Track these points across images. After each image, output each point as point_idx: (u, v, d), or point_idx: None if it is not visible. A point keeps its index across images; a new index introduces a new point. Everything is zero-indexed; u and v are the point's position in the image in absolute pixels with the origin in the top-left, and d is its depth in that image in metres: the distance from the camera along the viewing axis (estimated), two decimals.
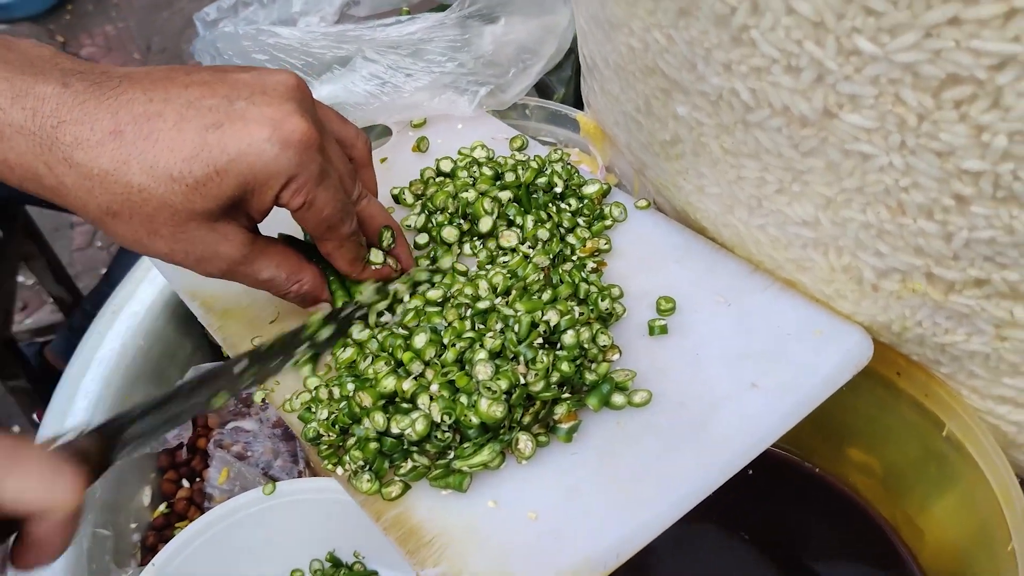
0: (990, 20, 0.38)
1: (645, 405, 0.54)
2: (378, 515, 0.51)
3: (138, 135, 0.46)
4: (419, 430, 0.50)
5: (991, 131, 0.42)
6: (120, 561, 0.72)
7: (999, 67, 0.40)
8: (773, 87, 0.48)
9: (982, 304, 0.50)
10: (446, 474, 0.51)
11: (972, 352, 0.53)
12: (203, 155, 0.47)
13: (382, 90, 0.75)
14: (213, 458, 0.78)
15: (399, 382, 0.53)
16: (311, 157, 0.49)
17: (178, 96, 0.48)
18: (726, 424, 0.53)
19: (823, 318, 0.57)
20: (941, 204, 0.47)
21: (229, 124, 0.47)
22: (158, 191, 0.47)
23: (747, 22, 0.46)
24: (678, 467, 0.51)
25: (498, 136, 0.75)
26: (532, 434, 0.52)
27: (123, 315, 0.81)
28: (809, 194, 0.52)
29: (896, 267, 0.51)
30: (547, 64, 0.79)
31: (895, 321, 0.55)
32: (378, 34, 0.74)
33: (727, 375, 0.55)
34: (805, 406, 0.54)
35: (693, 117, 0.55)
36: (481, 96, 0.76)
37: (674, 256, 0.63)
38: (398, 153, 0.76)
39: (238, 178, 0.47)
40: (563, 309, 0.55)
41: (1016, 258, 0.47)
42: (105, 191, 0.47)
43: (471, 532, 0.49)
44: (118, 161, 0.46)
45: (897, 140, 0.45)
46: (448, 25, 0.74)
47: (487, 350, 0.53)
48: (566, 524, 0.49)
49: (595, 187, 0.68)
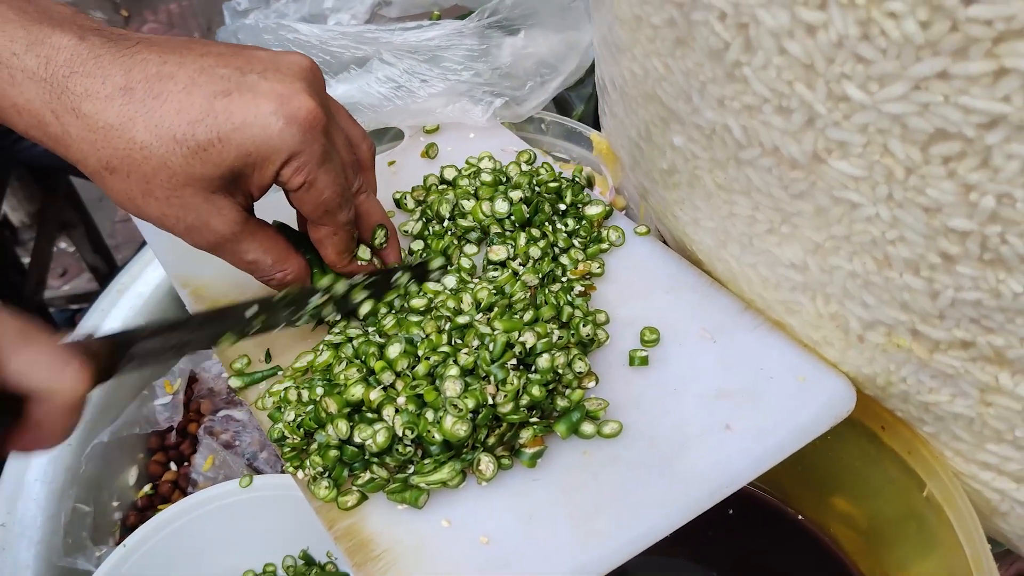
0: (979, 77, 0.37)
1: (615, 437, 0.53)
2: (331, 523, 0.50)
3: (148, 93, 0.47)
4: (380, 442, 0.50)
5: (979, 191, 0.41)
6: (98, 538, 0.73)
7: (988, 126, 0.38)
8: (764, 126, 0.47)
9: (967, 366, 0.48)
10: (403, 488, 0.51)
11: (956, 414, 0.51)
12: (208, 120, 0.47)
13: (396, 94, 0.75)
14: (201, 444, 0.79)
15: (367, 391, 0.52)
16: (315, 137, 0.49)
17: (193, 62, 0.48)
18: (695, 464, 0.52)
19: (808, 365, 0.56)
20: (928, 261, 0.45)
21: (238, 94, 0.47)
22: (159, 150, 0.47)
23: (740, 58, 0.45)
24: (641, 503, 0.50)
25: (508, 148, 0.75)
26: (495, 456, 0.52)
27: (128, 295, 0.82)
28: (798, 237, 0.51)
29: (882, 320, 0.50)
30: (566, 80, 0.78)
31: (880, 374, 0.53)
32: (396, 38, 0.74)
33: (702, 413, 0.54)
34: (778, 453, 0.53)
35: (689, 149, 0.54)
36: (496, 107, 0.76)
37: (666, 286, 0.62)
38: (407, 157, 0.76)
39: (240, 148, 0.48)
40: (541, 331, 0.54)
41: (1002, 323, 0.45)
42: (107, 145, 0.47)
43: (420, 550, 0.49)
44: (124, 117, 0.47)
45: (884, 192, 0.44)
46: (467, 34, 0.74)
47: (459, 366, 0.52)
48: (517, 551, 0.49)
49: (597, 208, 0.67)
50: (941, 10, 0.36)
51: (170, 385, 0.80)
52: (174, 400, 0.80)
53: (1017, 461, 0.51)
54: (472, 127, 0.77)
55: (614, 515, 0.50)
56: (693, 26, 0.47)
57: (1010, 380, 0.47)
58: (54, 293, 1.95)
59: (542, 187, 0.67)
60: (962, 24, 0.36)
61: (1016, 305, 0.44)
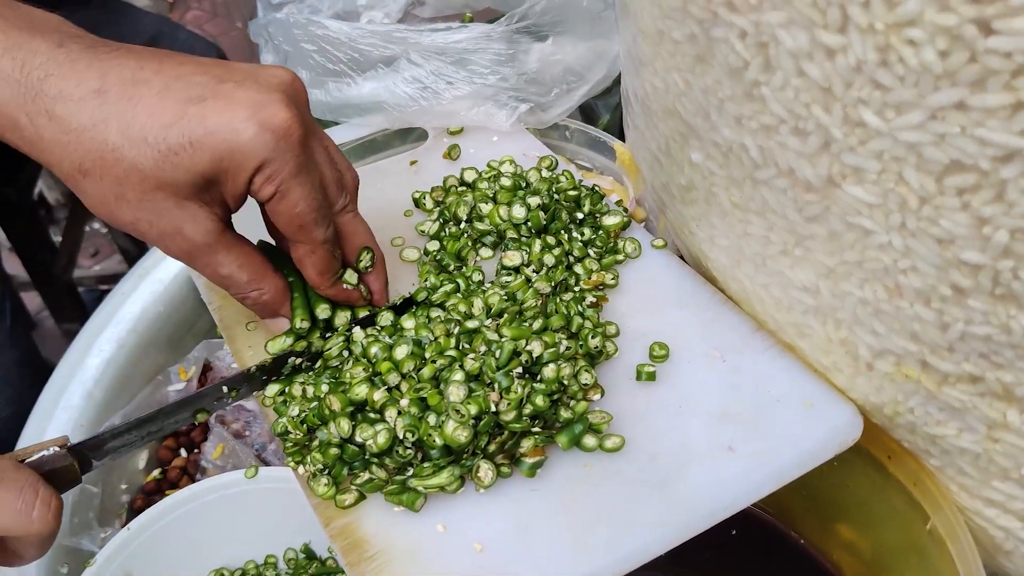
0: (997, 110, 0.36)
1: (616, 451, 0.53)
2: (328, 521, 0.51)
3: (121, 96, 0.47)
4: (380, 442, 0.50)
5: (993, 224, 0.40)
6: (104, 520, 0.74)
7: (1004, 159, 0.38)
8: (780, 147, 0.46)
9: (975, 401, 0.48)
10: (401, 491, 0.51)
11: (963, 449, 0.50)
12: (180, 124, 0.47)
13: (422, 94, 0.75)
14: (211, 432, 0.80)
15: (371, 391, 0.52)
16: (288, 147, 0.48)
17: (170, 69, 0.48)
18: (695, 484, 0.51)
19: (817, 390, 0.55)
20: (939, 292, 0.44)
21: (213, 100, 0.47)
22: (130, 153, 0.47)
23: (759, 78, 0.45)
24: (637, 520, 0.50)
25: (530, 153, 0.75)
26: (495, 464, 0.51)
27: (149, 280, 0.83)
28: (811, 260, 0.50)
29: (891, 349, 0.49)
30: (593, 89, 0.78)
31: (887, 404, 0.53)
32: (424, 39, 0.74)
33: (706, 433, 0.54)
34: (780, 478, 0.52)
35: (706, 165, 0.54)
36: (520, 112, 0.76)
37: (680, 302, 0.62)
38: (429, 158, 0.76)
39: (212, 153, 0.47)
40: (549, 341, 0.54)
41: (1012, 359, 0.44)
42: (80, 147, 0.47)
43: (414, 554, 0.49)
44: (97, 119, 0.47)
45: (898, 220, 0.43)
46: (495, 37, 0.74)
47: (465, 371, 0.52)
48: (510, 560, 0.48)
49: (616, 219, 0.67)
50: (960, 40, 0.36)
51: (184, 372, 0.81)
52: (188, 387, 0.80)
53: (1023, 500, 0.50)
54: (495, 130, 0.77)
55: (610, 530, 0.50)
56: (713, 43, 0.47)
57: (1018, 418, 0.46)
58: (85, 272, 1.97)
59: (561, 195, 0.67)
60: (981, 55, 0.35)
61: None
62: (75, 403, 0.75)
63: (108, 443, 0.50)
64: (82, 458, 0.49)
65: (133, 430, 0.51)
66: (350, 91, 0.77)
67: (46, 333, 1.86)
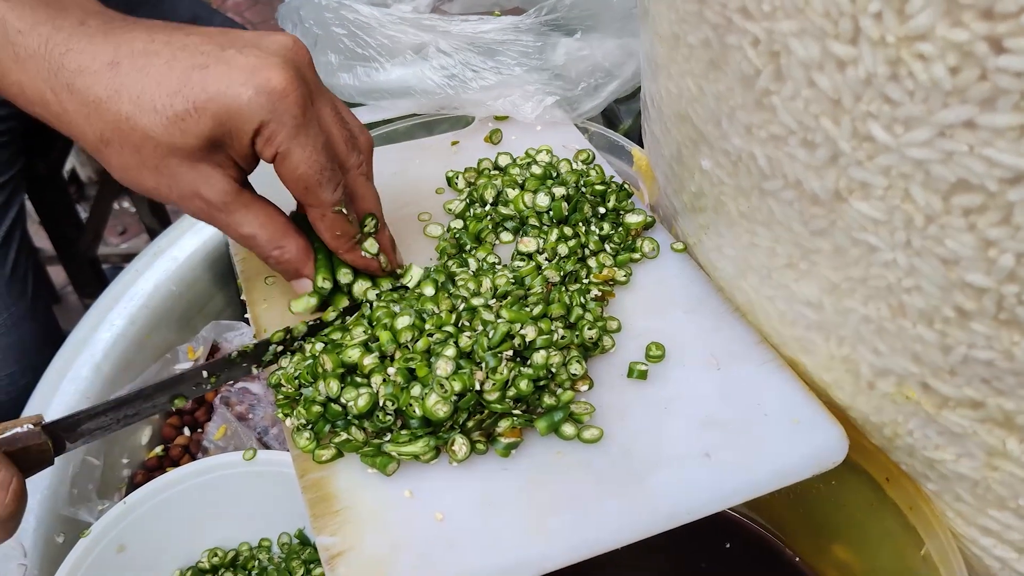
0: (1006, 131, 0.36)
1: (594, 442, 0.53)
2: (303, 472, 0.51)
3: (132, 67, 0.49)
4: (360, 405, 0.51)
5: (999, 247, 0.39)
6: (103, 492, 0.74)
7: (1012, 181, 0.37)
8: (788, 158, 0.46)
9: (975, 427, 0.47)
10: (376, 454, 0.51)
11: (961, 475, 0.50)
12: (184, 91, 0.49)
13: (449, 83, 0.75)
14: (216, 413, 0.80)
15: (363, 355, 0.53)
16: (286, 108, 0.50)
17: (178, 40, 0.50)
18: (664, 485, 0.51)
19: (807, 409, 0.54)
20: (942, 314, 0.44)
21: (214, 66, 0.49)
22: (142, 121, 0.49)
23: (770, 87, 0.44)
24: (600, 511, 0.50)
25: (569, 145, 0.75)
26: (470, 440, 0.51)
27: (163, 258, 0.83)
28: (816, 275, 0.50)
29: (892, 369, 0.48)
30: (620, 87, 0.77)
31: (887, 425, 0.52)
32: (453, 27, 0.74)
33: (685, 437, 0.53)
34: (752, 490, 0.51)
35: (716, 173, 0.53)
36: (546, 105, 0.76)
37: (687, 306, 0.61)
38: (471, 139, 0.77)
39: (214, 117, 0.49)
40: (544, 328, 0.54)
41: (1014, 386, 0.43)
42: (99, 118, 0.49)
43: (377, 515, 0.49)
44: (111, 90, 0.49)
45: (903, 238, 0.43)
46: (523, 29, 0.74)
47: (458, 348, 0.52)
48: (467, 533, 0.49)
49: (638, 218, 0.66)
50: (971, 57, 0.35)
51: (192, 351, 0.82)
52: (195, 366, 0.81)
53: (1019, 531, 0.49)
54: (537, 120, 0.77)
55: (571, 517, 0.49)
56: (727, 49, 0.46)
57: (1018, 447, 0.46)
58: (112, 250, 1.99)
59: (588, 188, 0.67)
60: (991, 74, 0.35)
61: None
62: (83, 375, 0.76)
63: (83, 424, 0.50)
64: (56, 438, 0.48)
65: (110, 411, 0.51)
66: (379, 76, 0.77)
67: (69, 307, 1.89)
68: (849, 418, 0.55)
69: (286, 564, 0.73)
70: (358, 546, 0.48)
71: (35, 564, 0.67)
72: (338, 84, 0.77)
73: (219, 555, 0.73)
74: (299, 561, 0.73)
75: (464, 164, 0.72)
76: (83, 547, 0.66)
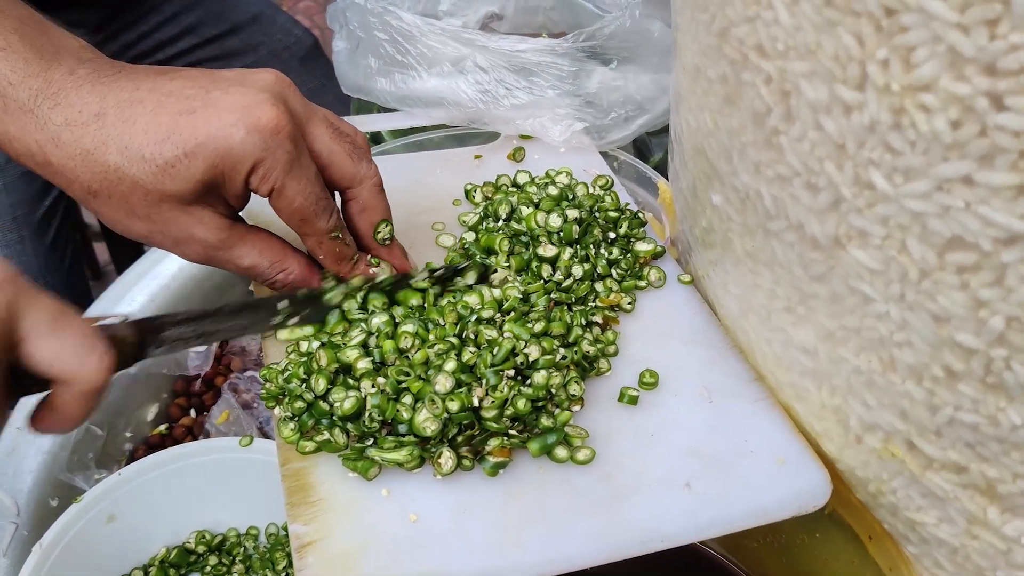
0: (1002, 189, 0.35)
1: (587, 463, 0.52)
2: (285, 461, 0.52)
3: (119, 118, 0.49)
4: (346, 408, 0.51)
5: (990, 309, 0.39)
6: (102, 463, 0.76)
7: (1006, 242, 0.36)
8: (792, 200, 0.46)
9: (957, 492, 0.46)
10: (357, 458, 0.51)
11: (941, 540, 0.49)
12: (173, 138, 0.49)
13: (482, 98, 0.76)
14: (222, 398, 0.81)
15: (359, 357, 0.53)
16: (278, 143, 0.50)
17: (162, 86, 0.50)
18: (640, 509, 0.50)
19: (794, 449, 0.54)
20: (931, 372, 0.43)
21: (202, 110, 0.49)
22: (131, 171, 0.49)
23: (779, 126, 0.44)
24: (573, 530, 0.49)
25: (590, 170, 0.75)
26: (457, 455, 0.51)
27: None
28: (812, 321, 0.49)
29: (880, 424, 0.48)
30: (650, 121, 0.77)
31: (872, 481, 0.51)
32: (492, 44, 0.75)
33: (667, 465, 0.53)
34: (728, 525, 0.51)
35: (725, 210, 0.53)
36: (574, 130, 0.76)
37: (687, 337, 0.61)
38: (494, 155, 0.78)
39: (207, 161, 0.49)
40: (547, 347, 0.54)
41: (997, 453, 0.43)
42: (86, 170, 0.49)
43: (351, 510, 0.49)
44: (98, 141, 0.49)
45: (897, 291, 0.42)
46: (559, 53, 0.75)
47: (460, 362, 0.52)
48: (439, 537, 0.49)
49: (649, 246, 0.66)
50: (972, 112, 0.35)
51: None
52: (207, 351, 0.82)
53: None
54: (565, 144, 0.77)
55: (544, 532, 0.49)
56: (742, 85, 0.46)
57: (998, 517, 0.45)
58: None
59: (601, 213, 0.67)
60: (991, 130, 0.34)
61: (1014, 437, 0.41)
62: None
63: (166, 329, 0.50)
64: (141, 336, 0.49)
65: (192, 322, 0.51)
66: (415, 84, 0.78)
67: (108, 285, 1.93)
68: (837, 470, 0.54)
69: (270, 554, 0.74)
70: (329, 538, 0.48)
71: (26, 524, 0.69)
72: (375, 88, 0.78)
73: (207, 538, 0.74)
74: (283, 552, 0.73)
75: (484, 178, 0.73)
76: (74, 512, 0.67)
